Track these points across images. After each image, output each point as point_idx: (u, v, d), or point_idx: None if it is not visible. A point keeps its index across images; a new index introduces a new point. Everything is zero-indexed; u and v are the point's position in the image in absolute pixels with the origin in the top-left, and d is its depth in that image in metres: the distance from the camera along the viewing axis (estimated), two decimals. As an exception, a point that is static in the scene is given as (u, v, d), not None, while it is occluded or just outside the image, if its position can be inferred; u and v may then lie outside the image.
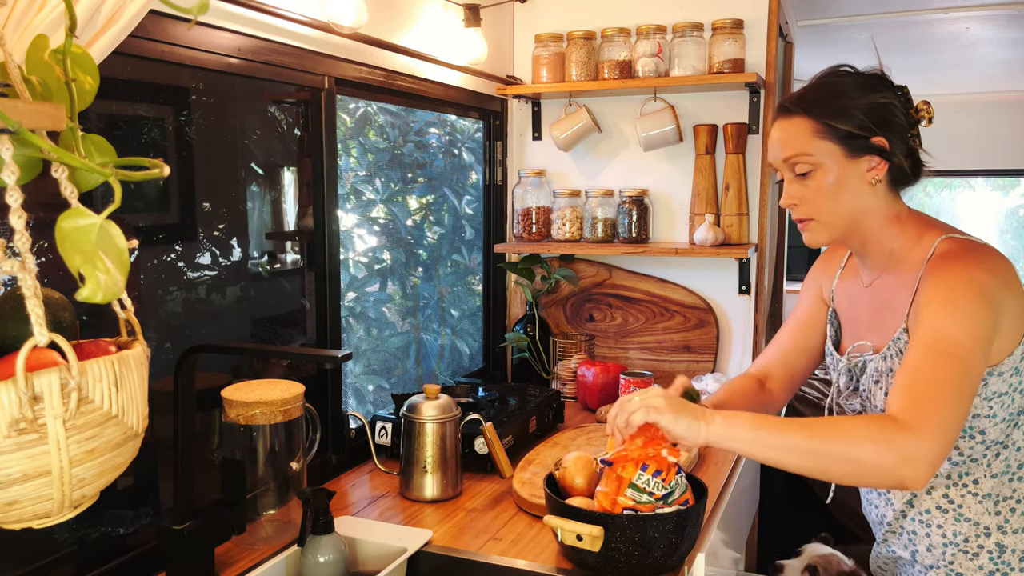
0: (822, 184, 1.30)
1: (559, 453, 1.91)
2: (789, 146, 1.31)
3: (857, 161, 1.29)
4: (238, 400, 1.43)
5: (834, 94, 1.30)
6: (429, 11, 2.15)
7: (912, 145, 1.32)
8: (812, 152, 1.29)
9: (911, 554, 1.41)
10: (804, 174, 1.31)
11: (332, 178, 1.86)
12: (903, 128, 1.30)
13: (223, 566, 1.39)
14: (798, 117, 1.31)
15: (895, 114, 1.29)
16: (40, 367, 0.74)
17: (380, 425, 1.92)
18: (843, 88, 1.30)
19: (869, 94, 1.29)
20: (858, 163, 1.29)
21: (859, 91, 1.29)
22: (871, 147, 1.28)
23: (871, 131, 1.28)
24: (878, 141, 1.28)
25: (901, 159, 1.30)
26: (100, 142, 0.84)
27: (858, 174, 1.29)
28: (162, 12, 1.28)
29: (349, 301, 2.24)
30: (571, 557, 1.40)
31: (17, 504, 0.76)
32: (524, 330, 2.58)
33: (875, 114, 1.28)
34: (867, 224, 1.34)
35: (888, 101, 1.29)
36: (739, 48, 2.31)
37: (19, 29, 0.90)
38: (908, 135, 1.31)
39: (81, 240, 0.75)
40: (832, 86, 1.32)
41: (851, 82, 1.31)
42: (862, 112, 1.28)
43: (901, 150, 1.30)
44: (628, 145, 2.56)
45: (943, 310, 1.21)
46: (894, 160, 1.29)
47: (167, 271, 1.56)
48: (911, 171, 1.33)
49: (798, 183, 1.32)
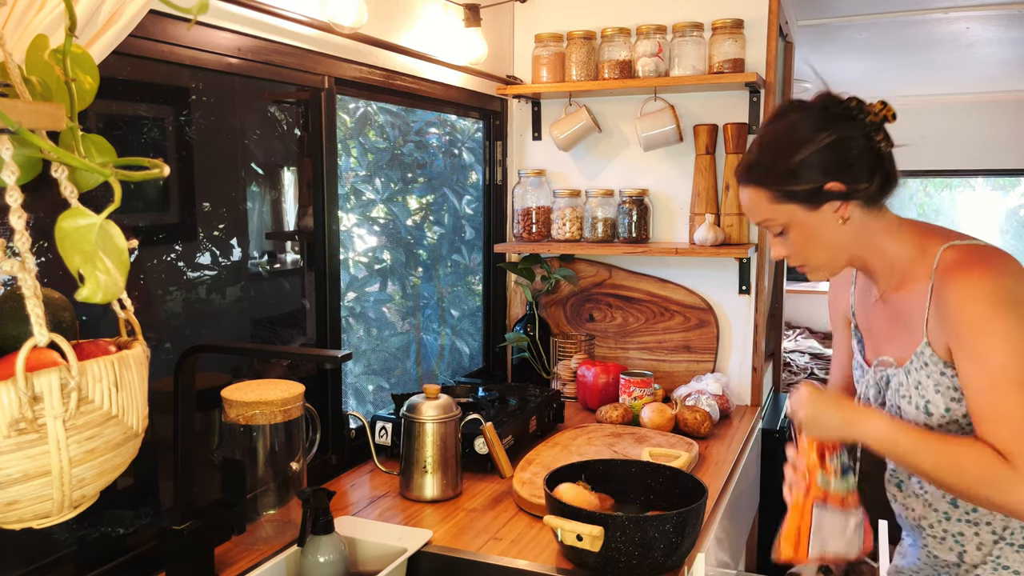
0: (798, 238, 1.34)
1: (559, 453, 1.91)
2: (755, 213, 1.37)
3: (820, 210, 1.31)
4: (238, 400, 1.43)
5: (779, 154, 1.31)
6: (429, 11, 2.15)
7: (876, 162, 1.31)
8: (775, 216, 1.34)
9: (958, 555, 1.39)
10: (780, 233, 1.36)
11: (332, 178, 1.86)
12: (861, 153, 1.30)
13: (223, 566, 1.39)
14: (752, 188, 1.34)
15: (848, 145, 1.29)
16: (40, 367, 0.74)
17: (380, 425, 1.92)
18: (787, 144, 1.31)
19: (815, 138, 1.29)
20: (822, 211, 1.31)
21: (804, 142, 1.29)
22: (829, 194, 1.30)
23: (821, 180, 1.29)
24: (831, 187, 1.29)
25: (865, 187, 1.30)
26: (100, 142, 0.84)
27: (827, 219, 1.32)
28: (162, 12, 1.28)
29: (349, 301, 2.24)
30: (571, 557, 1.40)
31: (17, 504, 0.76)
32: (524, 330, 2.58)
33: (825, 160, 1.29)
34: (859, 250, 1.36)
35: (836, 136, 1.29)
36: (739, 48, 2.31)
37: (19, 29, 0.90)
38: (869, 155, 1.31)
39: (81, 240, 0.75)
40: (777, 144, 1.32)
41: (795, 133, 1.31)
42: (811, 165, 1.29)
43: (864, 177, 1.30)
44: (628, 145, 2.56)
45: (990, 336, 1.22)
46: (856, 195, 1.30)
47: (167, 271, 1.56)
48: (881, 188, 1.33)
49: (778, 240, 1.38)
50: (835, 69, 4.19)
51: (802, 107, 1.34)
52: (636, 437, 2.03)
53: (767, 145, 1.34)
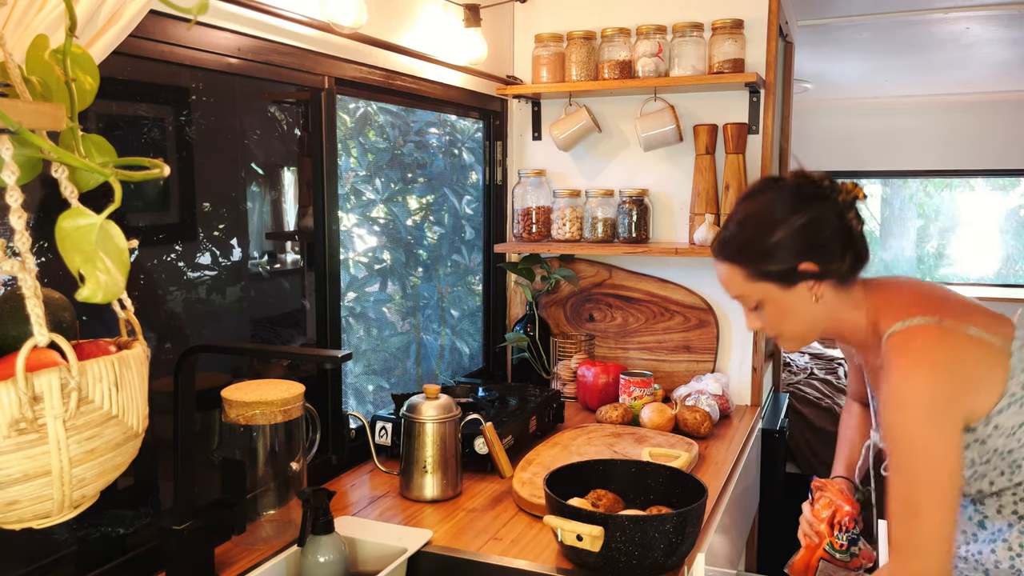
0: (773, 313, 1.39)
1: (559, 453, 1.91)
2: (731, 288, 1.42)
3: (795, 288, 1.35)
4: (238, 400, 1.43)
5: (755, 234, 1.35)
6: (429, 11, 2.15)
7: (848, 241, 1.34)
8: (750, 293, 1.39)
9: None
10: (755, 308, 1.41)
11: (332, 178, 1.86)
12: (833, 233, 1.33)
13: (223, 566, 1.39)
14: (728, 264, 1.39)
15: (821, 226, 1.33)
16: (40, 367, 0.74)
17: (380, 425, 1.92)
18: (762, 224, 1.35)
19: (789, 219, 1.33)
20: (796, 289, 1.35)
21: (778, 223, 1.33)
22: (802, 274, 1.34)
23: (795, 260, 1.33)
24: (806, 267, 1.33)
25: (839, 265, 1.34)
26: (100, 142, 0.84)
27: (801, 297, 1.36)
28: (162, 12, 1.28)
29: (349, 301, 2.24)
30: (571, 557, 1.40)
31: (17, 504, 0.76)
32: (524, 330, 2.58)
33: (799, 241, 1.33)
34: (829, 325, 1.41)
35: (809, 217, 1.32)
36: (739, 48, 2.31)
37: (19, 29, 0.90)
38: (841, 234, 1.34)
39: (81, 240, 0.75)
40: (752, 223, 1.36)
41: (769, 214, 1.35)
42: (785, 246, 1.33)
43: (836, 256, 1.34)
44: (628, 145, 2.56)
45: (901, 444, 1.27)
46: (828, 276, 1.34)
47: (167, 271, 1.56)
48: (852, 266, 1.36)
49: (753, 314, 1.43)
50: (835, 69, 4.19)
51: (777, 185, 1.38)
52: (636, 437, 2.03)
53: (743, 224, 1.38)
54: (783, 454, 2.70)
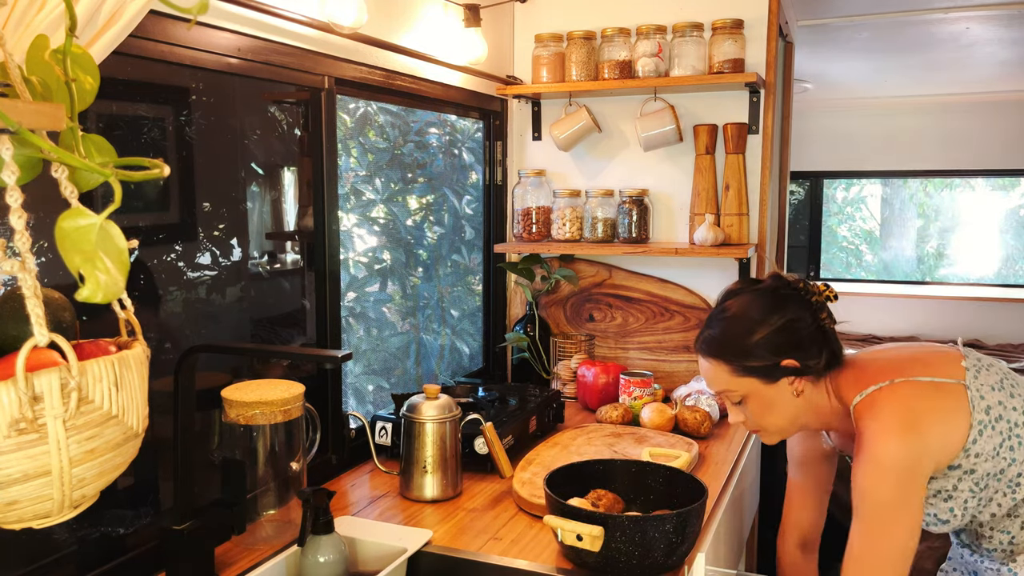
0: (755, 407, 1.47)
1: (559, 453, 1.91)
2: (715, 383, 1.50)
3: (777, 383, 1.44)
4: (238, 400, 1.43)
5: (737, 334, 1.44)
6: (429, 11, 2.15)
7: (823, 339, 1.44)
8: (734, 388, 1.47)
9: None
10: (738, 403, 1.49)
11: (332, 178, 1.86)
12: (811, 334, 1.43)
13: (223, 566, 1.39)
14: (713, 361, 1.47)
15: (799, 326, 1.42)
16: (40, 367, 0.74)
17: (380, 425, 1.92)
18: (744, 325, 1.44)
19: (768, 319, 1.42)
20: (779, 384, 1.44)
21: (759, 324, 1.42)
22: (784, 370, 1.43)
23: (778, 357, 1.42)
24: (788, 363, 1.42)
25: (816, 362, 1.43)
26: (100, 142, 0.84)
27: (782, 391, 1.45)
28: (162, 12, 1.28)
29: (349, 301, 2.24)
30: (571, 557, 1.40)
31: (17, 504, 0.76)
32: (524, 330, 2.58)
33: (779, 340, 1.42)
34: (810, 418, 1.49)
35: (787, 318, 1.42)
36: (739, 48, 2.31)
37: (19, 29, 0.90)
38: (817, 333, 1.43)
39: (81, 240, 0.75)
40: (734, 323, 1.45)
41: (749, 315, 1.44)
42: (767, 345, 1.42)
43: (814, 354, 1.43)
44: (628, 145, 2.56)
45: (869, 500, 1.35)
46: (808, 372, 1.43)
47: (167, 271, 1.56)
48: (828, 363, 1.45)
49: (737, 408, 1.50)
50: (835, 69, 4.19)
51: (755, 288, 1.48)
52: (636, 437, 2.03)
53: (726, 323, 1.46)
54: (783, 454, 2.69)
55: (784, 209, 2.89)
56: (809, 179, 5.65)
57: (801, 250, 5.72)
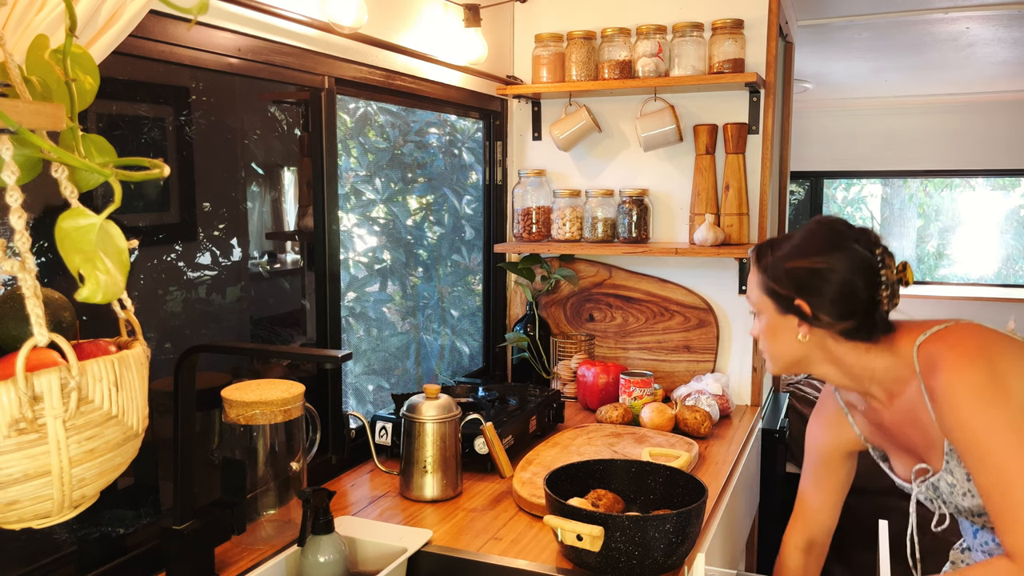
0: (764, 327, 1.46)
1: (559, 453, 1.91)
2: (748, 289, 1.49)
3: (786, 317, 1.41)
4: (238, 400, 1.43)
5: (781, 255, 1.41)
6: (429, 11, 2.15)
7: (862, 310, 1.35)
8: (755, 300, 1.46)
9: None
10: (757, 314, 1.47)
11: (332, 178, 1.86)
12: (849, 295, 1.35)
13: (223, 566, 1.39)
14: (756, 266, 1.46)
15: (835, 279, 1.35)
16: (40, 367, 0.74)
17: (380, 425, 1.92)
18: (795, 248, 1.40)
19: (813, 257, 1.37)
20: (787, 318, 1.41)
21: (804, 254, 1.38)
22: (795, 308, 1.39)
23: (797, 294, 1.38)
24: (799, 304, 1.38)
25: (829, 322, 1.37)
26: (100, 142, 0.84)
27: (788, 327, 1.41)
28: (162, 12, 1.28)
29: (349, 301, 2.24)
30: (571, 557, 1.40)
31: (17, 504, 0.76)
32: (524, 330, 2.58)
33: (806, 279, 1.37)
34: (819, 368, 1.44)
35: (829, 267, 1.35)
36: (739, 48, 2.31)
37: (19, 29, 0.90)
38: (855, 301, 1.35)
39: (81, 240, 0.75)
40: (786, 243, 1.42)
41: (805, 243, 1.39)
42: (793, 277, 1.38)
43: (833, 314, 1.36)
44: (628, 145, 2.56)
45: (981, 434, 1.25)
46: (815, 324, 1.38)
47: (167, 271, 1.56)
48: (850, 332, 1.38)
49: (755, 320, 1.49)
50: (835, 69, 4.19)
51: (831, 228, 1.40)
52: (636, 437, 2.03)
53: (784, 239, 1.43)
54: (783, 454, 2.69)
55: (784, 209, 2.89)
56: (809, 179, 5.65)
57: (801, 250, 5.71)
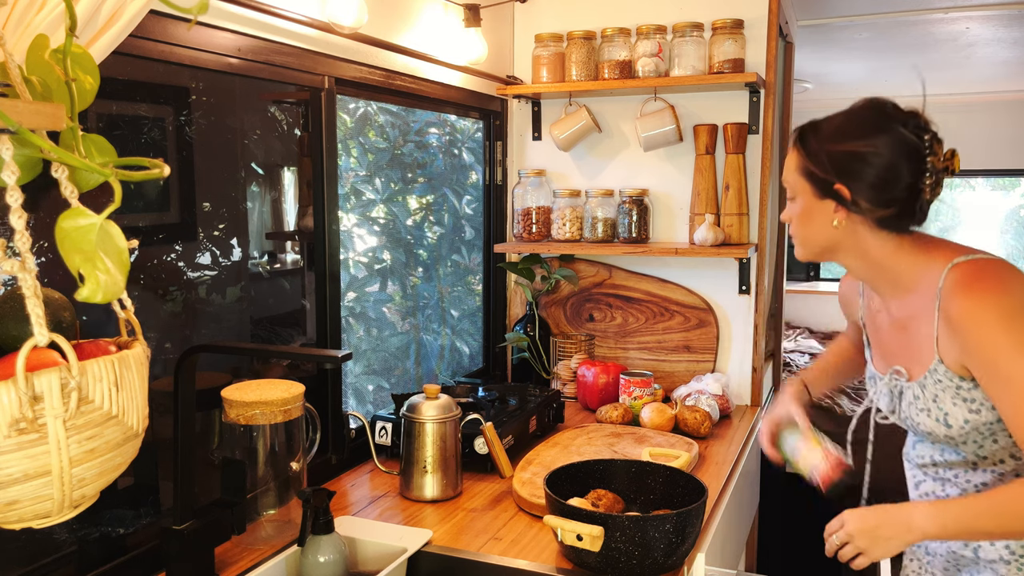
0: (798, 211, 1.39)
1: (559, 453, 1.91)
2: (784, 170, 1.42)
3: (823, 201, 1.35)
4: (238, 400, 1.43)
5: (820, 133, 1.35)
6: (429, 11, 2.15)
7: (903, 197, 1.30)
8: (791, 182, 1.40)
9: (973, 551, 1.41)
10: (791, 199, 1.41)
11: (332, 178, 1.86)
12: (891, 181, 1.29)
13: (223, 566, 1.39)
14: (795, 147, 1.39)
15: (879, 164, 1.29)
16: (40, 367, 0.74)
17: (380, 425, 1.92)
18: (838, 130, 1.34)
19: (857, 140, 1.30)
20: (824, 203, 1.35)
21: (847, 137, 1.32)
22: (834, 193, 1.33)
23: (837, 178, 1.32)
24: (838, 188, 1.32)
25: (869, 209, 1.31)
26: (100, 142, 0.84)
27: (824, 212, 1.35)
28: (162, 12, 1.28)
29: (349, 301, 2.24)
30: (571, 557, 1.40)
31: (17, 504, 0.76)
32: (524, 330, 2.58)
33: (848, 163, 1.31)
34: (844, 257, 1.39)
35: (876, 151, 1.29)
36: (739, 48, 2.31)
37: (19, 29, 0.90)
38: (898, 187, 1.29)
39: (81, 240, 0.75)
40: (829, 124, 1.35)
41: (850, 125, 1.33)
42: (834, 160, 1.32)
43: (874, 201, 1.30)
44: (628, 145, 2.56)
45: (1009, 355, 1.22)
46: (854, 209, 1.32)
47: (167, 271, 1.56)
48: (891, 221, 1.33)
49: (789, 204, 1.43)
50: (835, 69, 4.19)
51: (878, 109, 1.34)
52: (636, 437, 2.03)
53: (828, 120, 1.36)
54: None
55: (784, 209, 2.89)
56: (809, 179, 5.64)
57: (801, 250, 5.71)
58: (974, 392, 1.30)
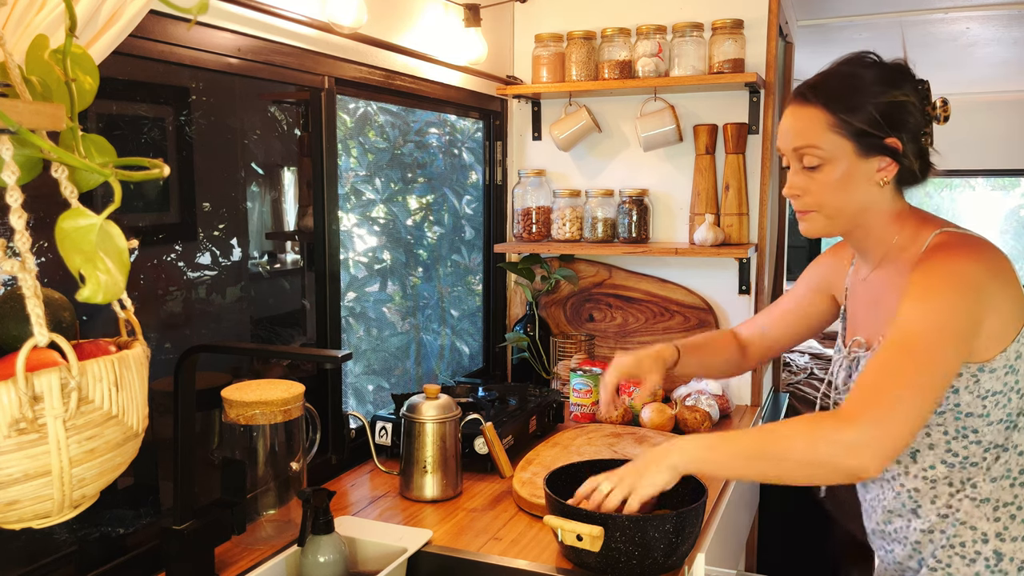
0: (829, 179, 1.27)
1: (559, 453, 1.91)
2: (801, 136, 1.28)
3: (868, 160, 1.26)
4: (238, 400, 1.43)
5: (854, 88, 1.26)
6: (429, 11, 2.15)
7: (923, 145, 1.29)
8: (823, 146, 1.26)
9: (918, 563, 1.37)
10: (813, 167, 1.28)
11: (332, 178, 1.86)
12: (916, 128, 1.27)
13: (223, 566, 1.39)
14: (814, 107, 1.27)
15: (911, 113, 1.26)
16: (40, 367, 0.74)
17: (380, 425, 1.92)
18: (863, 82, 1.26)
19: (889, 90, 1.25)
20: (868, 162, 1.26)
21: (879, 86, 1.25)
22: (883, 147, 1.25)
23: (885, 131, 1.25)
24: (891, 142, 1.25)
25: (912, 160, 1.27)
26: (100, 142, 0.84)
27: (867, 173, 1.27)
28: (162, 12, 1.28)
29: (349, 301, 2.24)
30: (571, 557, 1.40)
31: (17, 504, 0.76)
32: (524, 330, 2.58)
33: (891, 113, 1.25)
34: (870, 221, 1.32)
35: (907, 99, 1.25)
36: (739, 48, 2.31)
37: (19, 29, 0.90)
38: (921, 135, 1.28)
39: (81, 240, 0.75)
40: (852, 78, 1.27)
41: (872, 75, 1.27)
42: (878, 110, 1.24)
43: (912, 151, 1.27)
44: (628, 145, 2.56)
45: (916, 302, 1.19)
46: (904, 162, 1.26)
47: (167, 271, 1.56)
48: (919, 172, 1.30)
49: (803, 174, 1.30)
50: (835, 69, 4.19)
51: (880, 63, 1.29)
52: (636, 437, 2.03)
53: (842, 75, 1.28)
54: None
55: (784, 209, 2.89)
56: (809, 179, 5.64)
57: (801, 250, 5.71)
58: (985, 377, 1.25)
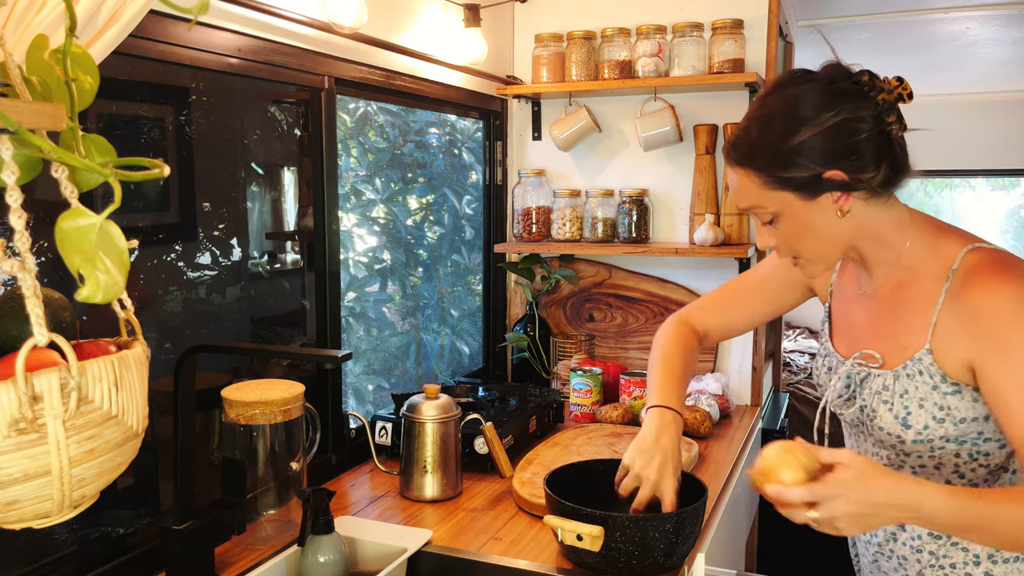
0: (790, 229, 1.21)
1: (559, 453, 1.91)
2: (741, 197, 1.23)
3: (817, 200, 1.18)
4: (238, 400, 1.43)
5: (776, 134, 1.17)
6: (429, 11, 2.15)
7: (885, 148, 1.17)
8: (765, 204, 1.20)
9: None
10: (770, 221, 1.23)
11: (332, 178, 1.86)
12: (869, 137, 1.15)
13: (223, 566, 1.39)
14: (743, 169, 1.21)
15: (855, 128, 1.15)
16: (40, 367, 0.74)
17: (380, 425, 1.92)
18: (786, 123, 1.16)
19: (818, 118, 1.15)
20: (819, 201, 1.18)
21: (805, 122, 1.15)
22: (829, 183, 1.16)
23: (823, 166, 1.15)
24: (833, 175, 1.15)
25: (870, 176, 1.16)
26: (100, 142, 0.84)
27: (824, 210, 1.18)
28: (162, 12, 1.28)
29: (349, 301, 2.24)
30: (571, 557, 1.40)
31: (17, 504, 0.76)
32: (524, 330, 2.58)
33: (827, 144, 1.15)
34: (859, 243, 1.25)
35: (842, 117, 1.14)
36: (739, 48, 2.31)
37: (19, 29, 0.90)
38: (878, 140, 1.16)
39: (81, 240, 0.75)
40: (774, 121, 1.18)
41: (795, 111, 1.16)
42: (811, 150, 1.15)
43: (869, 165, 1.16)
44: (628, 145, 2.56)
45: None
46: (859, 186, 1.17)
47: (167, 271, 1.56)
48: (888, 178, 1.19)
49: (768, 229, 1.25)
50: (835, 69, 4.19)
51: (805, 79, 1.20)
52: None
53: (763, 122, 1.19)
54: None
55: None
56: (809, 179, 5.64)
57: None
58: (950, 399, 1.20)
